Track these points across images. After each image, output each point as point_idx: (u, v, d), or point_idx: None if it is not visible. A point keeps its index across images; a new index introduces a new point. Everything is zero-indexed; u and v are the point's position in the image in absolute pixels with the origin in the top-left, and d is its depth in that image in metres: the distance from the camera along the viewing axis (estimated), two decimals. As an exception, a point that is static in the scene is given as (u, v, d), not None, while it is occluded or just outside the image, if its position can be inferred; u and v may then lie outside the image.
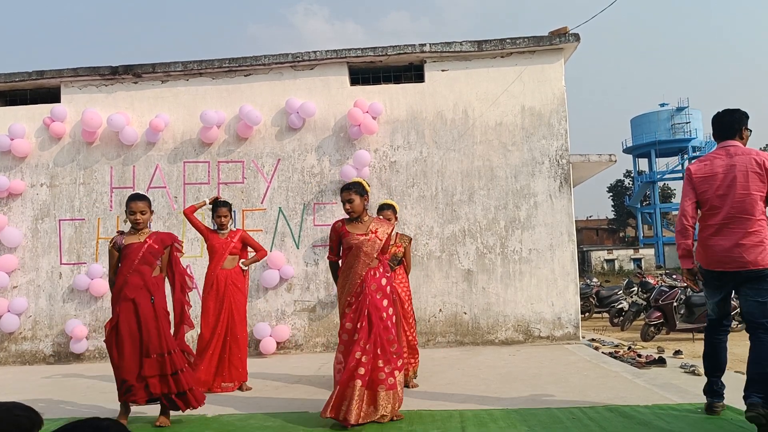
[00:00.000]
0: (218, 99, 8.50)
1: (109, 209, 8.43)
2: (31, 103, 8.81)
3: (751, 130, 4.32)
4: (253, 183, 8.41)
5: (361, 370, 4.23)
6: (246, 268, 6.10)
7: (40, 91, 8.89)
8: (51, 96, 8.79)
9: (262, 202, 8.36)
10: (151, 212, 4.65)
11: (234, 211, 8.15)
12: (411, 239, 5.98)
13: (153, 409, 4.95)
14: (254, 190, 8.40)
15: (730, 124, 4.29)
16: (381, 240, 4.49)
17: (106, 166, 8.54)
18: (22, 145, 8.44)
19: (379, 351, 4.29)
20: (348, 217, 4.59)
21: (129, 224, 4.59)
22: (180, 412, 4.55)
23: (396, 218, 5.74)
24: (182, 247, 4.81)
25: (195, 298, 7.43)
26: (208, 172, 8.45)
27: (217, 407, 4.97)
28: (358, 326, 4.33)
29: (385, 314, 4.40)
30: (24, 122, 8.58)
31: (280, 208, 8.33)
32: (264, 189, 8.38)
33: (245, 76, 8.55)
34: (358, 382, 4.20)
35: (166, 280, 4.72)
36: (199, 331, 5.94)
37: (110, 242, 4.60)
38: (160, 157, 8.50)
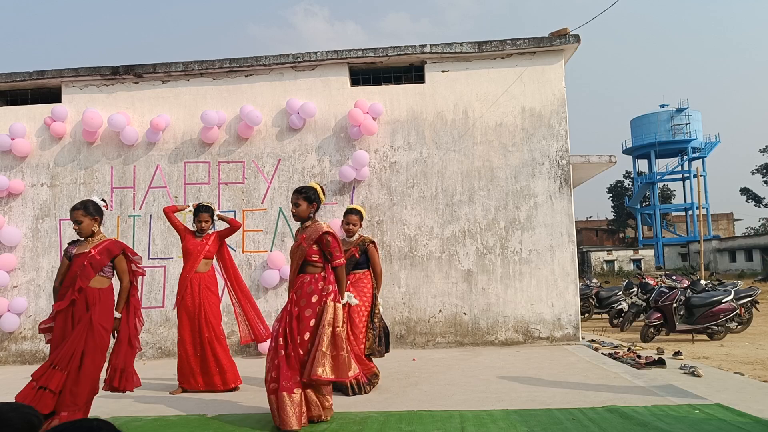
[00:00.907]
0: (219, 99, 8.51)
1: (110, 209, 8.43)
2: (32, 102, 8.83)
3: None
4: (254, 183, 8.42)
5: (281, 377, 4.21)
6: (216, 219, 6.07)
7: (40, 90, 8.90)
8: (52, 96, 8.80)
9: (262, 203, 8.37)
10: (93, 219, 4.42)
11: (233, 212, 8.17)
12: (373, 241, 5.77)
13: (154, 409, 4.96)
14: (255, 191, 8.41)
15: None
16: (306, 246, 4.44)
17: (107, 166, 8.55)
18: (23, 145, 8.45)
19: (292, 353, 4.26)
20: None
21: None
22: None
23: (360, 224, 5.77)
24: (135, 256, 4.55)
25: (171, 301, 7.41)
26: (209, 172, 8.46)
27: (216, 407, 4.98)
28: (276, 332, 4.38)
29: (304, 323, 4.32)
30: (25, 122, 8.59)
31: (280, 208, 8.33)
32: (264, 189, 8.39)
33: (246, 76, 8.55)
34: (283, 393, 4.17)
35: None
36: (177, 336, 5.89)
37: (64, 250, 4.51)
38: (160, 157, 8.51)
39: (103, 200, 4.63)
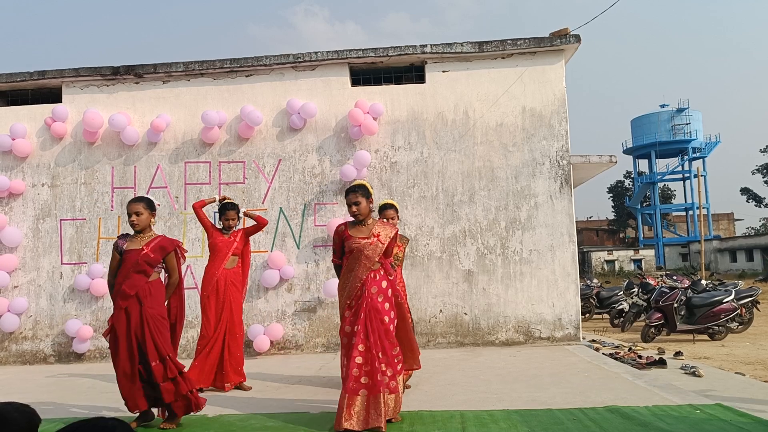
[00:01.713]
0: (219, 99, 8.51)
1: (110, 209, 8.44)
2: (33, 103, 8.83)
3: None
4: (254, 183, 8.42)
5: (364, 379, 4.19)
6: (242, 216, 6.15)
7: (41, 91, 8.90)
8: (52, 96, 8.80)
9: (263, 203, 8.37)
10: (151, 214, 4.56)
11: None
12: (409, 240, 5.90)
13: (154, 409, 4.96)
14: (255, 191, 8.41)
15: None
16: (383, 243, 4.45)
17: (108, 166, 8.55)
18: (24, 145, 8.45)
19: (380, 354, 4.24)
20: (352, 219, 4.56)
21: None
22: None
23: (398, 218, 5.70)
24: (184, 252, 4.73)
25: (195, 297, 7.46)
26: (210, 172, 8.46)
27: (218, 407, 4.98)
28: (356, 329, 4.30)
29: (386, 317, 4.37)
30: (25, 122, 8.59)
31: (281, 208, 8.34)
32: (265, 189, 8.39)
33: (246, 76, 8.56)
34: (364, 392, 4.17)
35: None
36: (198, 331, 5.95)
37: (114, 244, 4.59)
38: (161, 157, 8.51)
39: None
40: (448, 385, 5.58)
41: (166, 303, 4.59)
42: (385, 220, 5.62)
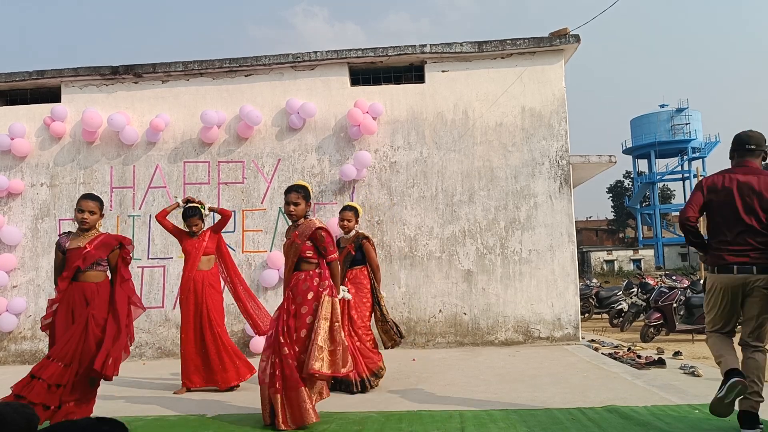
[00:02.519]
0: (219, 99, 8.51)
1: (109, 209, 8.42)
2: (32, 102, 8.82)
3: None
4: (254, 183, 8.41)
5: (270, 378, 4.26)
6: (207, 213, 6.10)
7: (40, 90, 8.89)
8: (51, 95, 8.80)
9: (262, 203, 8.36)
10: (101, 215, 4.46)
11: (234, 212, 8.16)
12: (367, 237, 5.79)
13: (154, 409, 4.96)
14: (254, 190, 8.40)
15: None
16: (299, 242, 4.44)
17: (107, 165, 8.54)
18: (23, 145, 8.45)
19: (287, 351, 4.28)
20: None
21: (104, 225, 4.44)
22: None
23: (356, 221, 5.80)
24: (132, 249, 4.51)
25: (171, 301, 7.41)
26: (209, 172, 8.46)
27: (216, 407, 4.98)
28: (272, 332, 4.40)
29: (300, 322, 4.33)
30: (24, 122, 8.58)
31: (280, 208, 8.33)
32: (264, 189, 8.38)
33: (246, 76, 8.55)
34: (273, 390, 4.23)
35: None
36: (179, 335, 5.92)
37: (56, 242, 4.44)
38: (160, 157, 8.50)
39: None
40: (447, 385, 5.58)
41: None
42: (342, 221, 5.75)
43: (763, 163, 4.00)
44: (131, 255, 4.53)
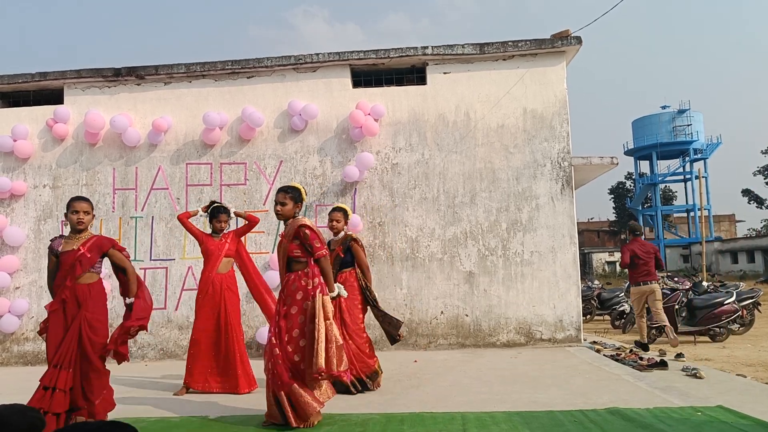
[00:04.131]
0: (221, 101, 8.52)
1: (112, 210, 8.45)
2: (34, 104, 8.84)
3: None
4: (256, 185, 8.42)
5: (270, 377, 4.31)
6: (232, 217, 6.14)
7: (43, 92, 8.91)
8: (54, 97, 8.81)
9: (264, 204, 8.37)
10: (93, 216, 4.48)
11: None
12: (355, 238, 5.78)
13: (156, 411, 4.96)
14: (256, 192, 8.41)
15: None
16: (286, 242, 4.50)
17: (109, 167, 8.56)
18: (25, 147, 8.47)
19: (277, 354, 4.31)
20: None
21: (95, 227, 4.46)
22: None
23: (345, 222, 5.80)
24: (123, 249, 4.56)
25: (191, 303, 7.43)
26: (211, 173, 8.47)
27: (218, 409, 4.99)
28: (270, 333, 4.44)
29: (291, 321, 4.37)
30: (27, 123, 8.60)
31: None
32: (266, 191, 8.39)
33: (248, 78, 8.57)
34: (281, 392, 4.27)
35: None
36: (190, 336, 5.91)
37: (48, 246, 4.45)
38: (162, 158, 8.52)
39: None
40: (450, 387, 5.58)
41: (130, 300, 4.45)
42: (330, 222, 5.79)
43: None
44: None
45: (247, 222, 6.15)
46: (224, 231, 6.04)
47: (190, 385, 5.73)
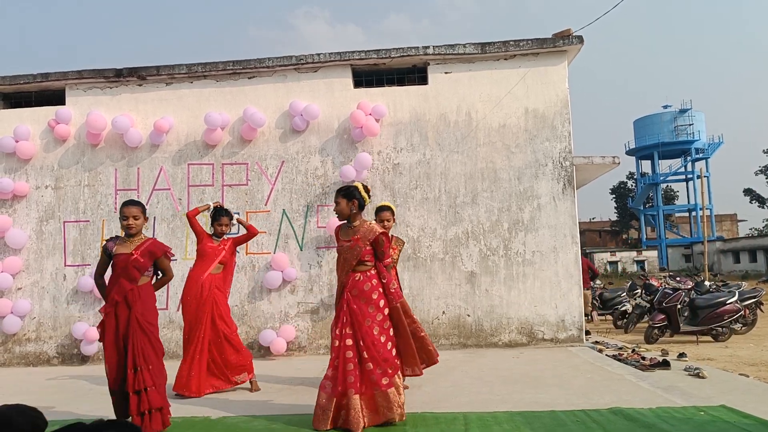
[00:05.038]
0: (222, 101, 8.53)
1: (114, 211, 8.45)
2: (36, 105, 8.85)
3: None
4: (257, 185, 8.43)
5: (351, 378, 4.24)
6: (234, 223, 6.17)
7: (44, 93, 8.92)
8: (56, 98, 8.82)
9: (266, 204, 8.38)
10: (145, 218, 4.57)
11: (237, 213, 8.17)
12: (404, 243, 5.87)
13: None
14: (258, 192, 8.42)
15: None
16: (362, 246, 4.45)
17: (111, 168, 8.57)
18: (27, 147, 8.48)
19: (365, 354, 4.29)
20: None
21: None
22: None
23: (394, 220, 5.72)
24: (172, 255, 4.70)
25: (175, 303, 7.46)
26: (213, 174, 8.47)
27: (220, 409, 4.99)
28: (336, 332, 4.40)
29: (369, 320, 4.37)
30: (29, 124, 8.61)
31: (283, 210, 8.34)
32: (268, 191, 8.40)
33: (249, 78, 8.57)
34: (351, 391, 4.22)
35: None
36: (182, 337, 5.96)
37: (102, 244, 4.54)
38: (164, 159, 8.52)
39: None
40: (451, 387, 5.57)
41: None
42: (381, 222, 5.66)
43: None
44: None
45: (247, 232, 6.17)
46: (225, 236, 6.04)
47: (189, 394, 5.66)
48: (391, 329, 4.44)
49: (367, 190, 4.61)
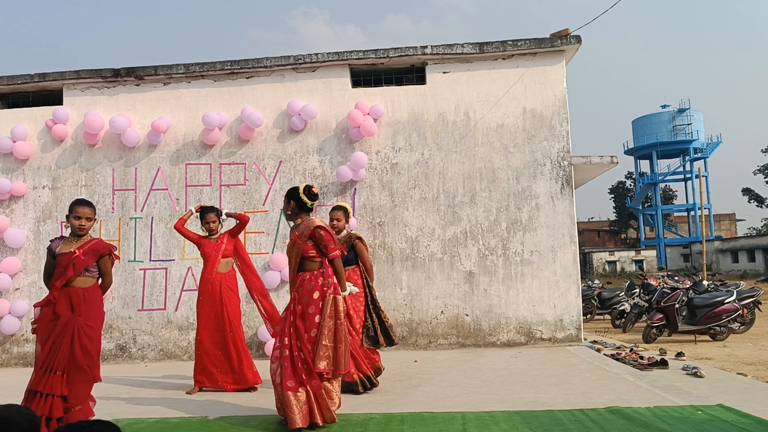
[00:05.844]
0: (220, 101, 8.52)
1: (111, 211, 8.44)
2: (34, 105, 8.84)
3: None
4: (255, 185, 8.42)
5: (280, 378, 4.27)
6: (225, 218, 6.13)
7: (42, 93, 8.91)
8: (53, 98, 8.81)
9: (263, 204, 8.37)
10: (95, 221, 4.50)
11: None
12: (359, 237, 5.80)
13: (156, 411, 4.96)
14: (256, 192, 8.41)
15: None
16: (301, 242, 4.47)
17: (108, 168, 8.55)
18: (25, 147, 8.46)
19: (295, 353, 4.31)
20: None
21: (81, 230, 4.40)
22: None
23: (346, 220, 5.79)
24: (118, 255, 4.66)
25: (191, 304, 7.47)
26: (210, 174, 8.46)
27: (219, 409, 4.98)
28: (282, 332, 4.43)
29: (304, 321, 4.37)
30: (26, 124, 8.60)
31: (281, 210, 8.33)
32: (266, 191, 8.39)
33: (247, 78, 8.56)
34: (281, 388, 4.25)
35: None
36: (195, 337, 5.98)
37: (47, 247, 4.46)
38: (161, 159, 8.51)
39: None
40: (450, 387, 5.57)
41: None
42: (331, 221, 5.77)
43: None
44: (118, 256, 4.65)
45: (238, 221, 6.15)
46: (219, 232, 6.06)
47: (204, 384, 5.78)
48: (327, 329, 4.35)
49: (311, 193, 4.59)
